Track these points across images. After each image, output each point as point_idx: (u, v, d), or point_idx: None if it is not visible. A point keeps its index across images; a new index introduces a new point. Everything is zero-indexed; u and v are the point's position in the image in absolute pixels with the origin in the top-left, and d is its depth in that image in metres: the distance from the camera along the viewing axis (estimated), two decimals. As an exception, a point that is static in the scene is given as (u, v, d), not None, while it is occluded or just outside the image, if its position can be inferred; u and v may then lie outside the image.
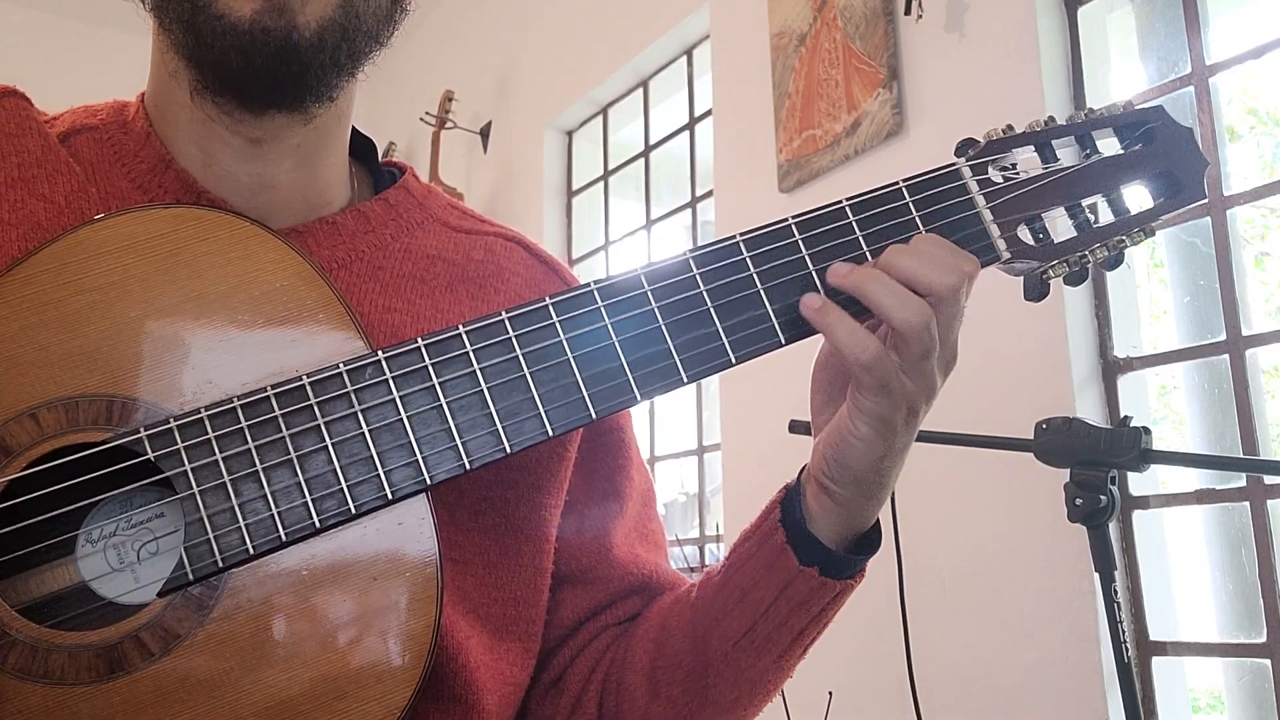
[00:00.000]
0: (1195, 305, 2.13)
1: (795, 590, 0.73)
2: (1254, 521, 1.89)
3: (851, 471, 0.71)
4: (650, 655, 0.80)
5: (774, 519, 0.75)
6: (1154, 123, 0.76)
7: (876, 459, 0.70)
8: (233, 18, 0.67)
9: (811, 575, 0.73)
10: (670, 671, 0.79)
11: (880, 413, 0.68)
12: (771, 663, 0.77)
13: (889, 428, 0.69)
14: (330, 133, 0.78)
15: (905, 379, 0.68)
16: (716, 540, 3.09)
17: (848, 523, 0.73)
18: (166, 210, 0.68)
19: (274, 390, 0.64)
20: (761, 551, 0.75)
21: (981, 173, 0.75)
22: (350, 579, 0.64)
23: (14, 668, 0.59)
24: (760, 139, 2.84)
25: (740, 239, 0.71)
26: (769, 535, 0.75)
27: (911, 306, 0.67)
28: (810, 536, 0.73)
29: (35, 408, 0.62)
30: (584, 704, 0.83)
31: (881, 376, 0.67)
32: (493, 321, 0.68)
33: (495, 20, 4.24)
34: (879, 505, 0.74)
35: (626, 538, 0.87)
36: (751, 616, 0.75)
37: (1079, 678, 1.97)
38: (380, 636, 0.63)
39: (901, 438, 0.70)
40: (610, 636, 0.85)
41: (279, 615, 0.62)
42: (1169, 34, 2.16)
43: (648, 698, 0.80)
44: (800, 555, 0.73)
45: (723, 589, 0.77)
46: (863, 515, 0.74)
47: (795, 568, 0.73)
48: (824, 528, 0.73)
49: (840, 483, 0.72)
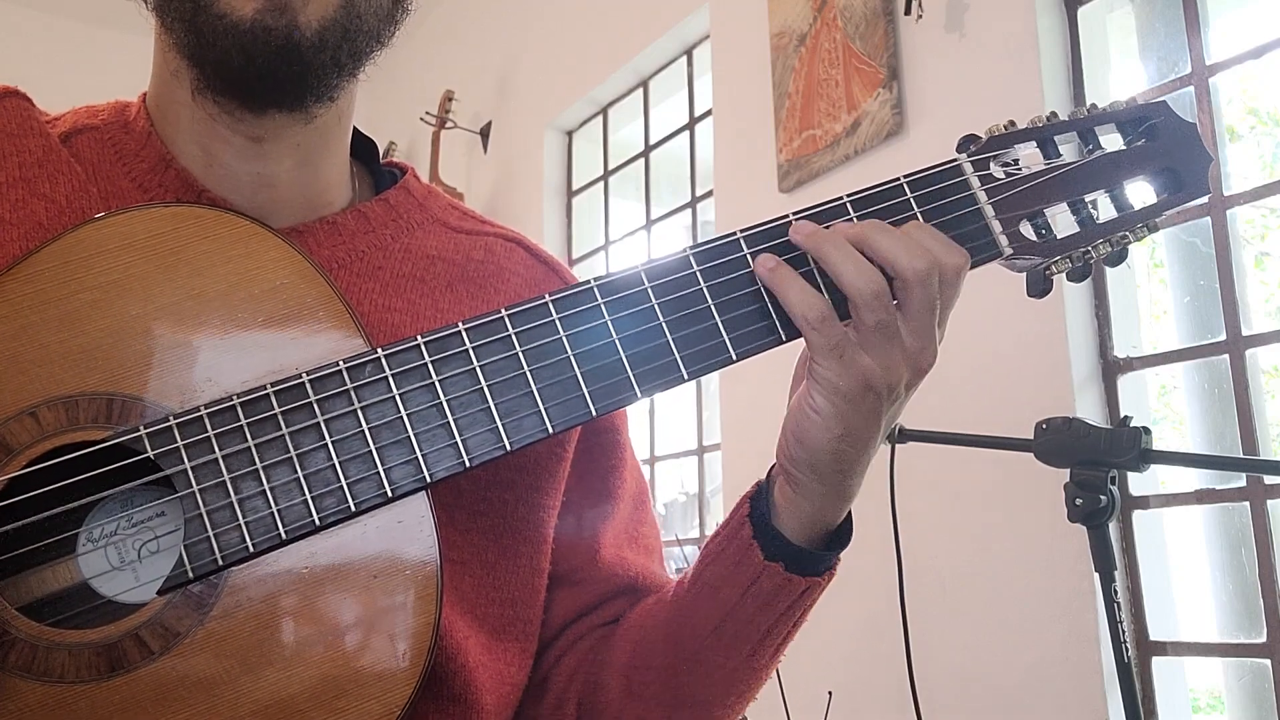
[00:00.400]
0: (1195, 305, 2.13)
1: (760, 587, 0.73)
2: (1254, 521, 1.89)
3: (808, 450, 0.69)
4: (628, 654, 0.80)
5: (742, 514, 0.74)
6: (1157, 118, 0.76)
7: (833, 438, 0.68)
8: (234, 17, 0.67)
9: (776, 571, 0.72)
10: (644, 670, 0.79)
11: (835, 382, 0.67)
12: (742, 661, 0.76)
13: (845, 401, 0.67)
14: (331, 132, 0.78)
15: (861, 351, 0.67)
16: (716, 540, 3.08)
17: (813, 517, 0.72)
18: (167, 209, 0.68)
19: (273, 388, 0.64)
20: (729, 547, 0.74)
21: (983, 168, 0.74)
22: (350, 577, 0.64)
23: (15, 666, 0.59)
24: (760, 139, 2.84)
25: (740, 235, 0.71)
26: (736, 530, 0.74)
27: (865, 274, 0.67)
28: (774, 531, 0.72)
29: (35, 406, 0.63)
30: (565, 705, 0.83)
31: (831, 338, 0.67)
32: (492, 319, 0.68)
33: (495, 20, 4.24)
34: (843, 499, 0.72)
35: (615, 540, 0.87)
36: (720, 613, 0.75)
37: (1079, 678, 1.97)
38: (380, 635, 0.63)
39: (860, 419, 0.68)
40: (595, 638, 0.85)
41: (279, 613, 0.62)
42: (1169, 34, 2.16)
43: (623, 696, 0.80)
44: (765, 550, 0.72)
45: (694, 585, 0.77)
46: (828, 509, 0.72)
47: (760, 563, 0.72)
48: (789, 521, 0.72)
49: (798, 465, 0.70)
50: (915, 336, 0.68)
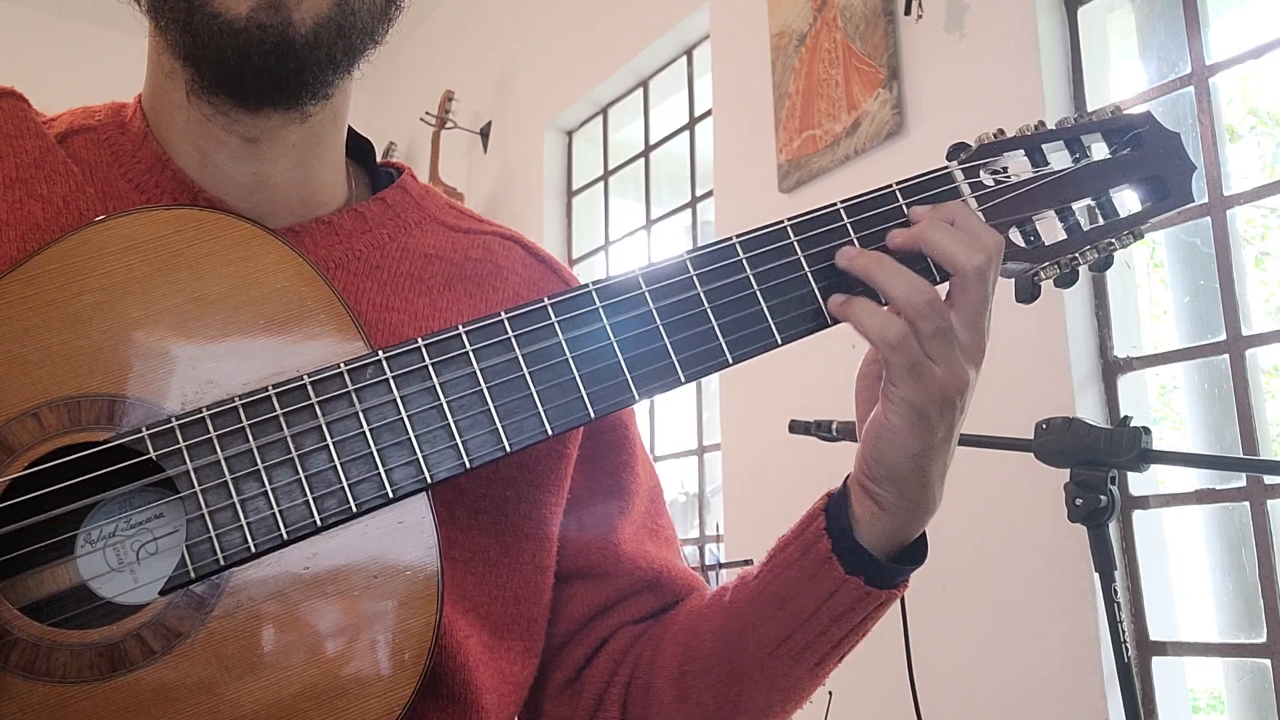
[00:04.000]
0: (1195, 305, 2.13)
1: (838, 600, 0.73)
2: (1254, 521, 1.89)
3: (888, 468, 0.70)
4: (679, 659, 0.80)
5: (818, 526, 0.74)
6: (1142, 128, 0.78)
7: (912, 454, 0.70)
8: (229, 16, 0.67)
9: (856, 585, 0.72)
10: (701, 676, 0.79)
11: (911, 399, 0.68)
12: (807, 671, 0.77)
13: (922, 418, 0.69)
14: (326, 132, 0.78)
15: (931, 363, 0.68)
16: (717, 540, 3.08)
17: (894, 531, 0.73)
18: (168, 212, 0.68)
19: (275, 390, 0.65)
20: (804, 559, 0.74)
21: (973, 176, 0.75)
22: (351, 578, 0.64)
23: (16, 666, 0.59)
24: (760, 139, 2.84)
25: (736, 241, 0.72)
26: (812, 543, 0.74)
27: (916, 287, 0.68)
28: (856, 545, 0.73)
29: (37, 407, 0.63)
30: (606, 706, 0.82)
31: (909, 357, 0.68)
32: (492, 322, 0.68)
33: (495, 20, 4.24)
34: (924, 514, 0.73)
35: (635, 533, 0.87)
36: (790, 625, 0.75)
37: (1079, 678, 1.97)
38: (382, 634, 0.64)
39: (938, 432, 0.69)
40: (629, 636, 0.84)
41: (280, 614, 0.63)
42: (1169, 34, 2.16)
43: (676, 702, 0.79)
44: (846, 564, 0.73)
45: (759, 595, 0.77)
46: (910, 522, 0.73)
47: (840, 577, 0.73)
48: (869, 536, 0.73)
49: (880, 482, 0.71)
50: (969, 330, 0.70)
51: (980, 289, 0.69)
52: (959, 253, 0.69)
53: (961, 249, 0.69)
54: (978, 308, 0.70)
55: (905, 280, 0.69)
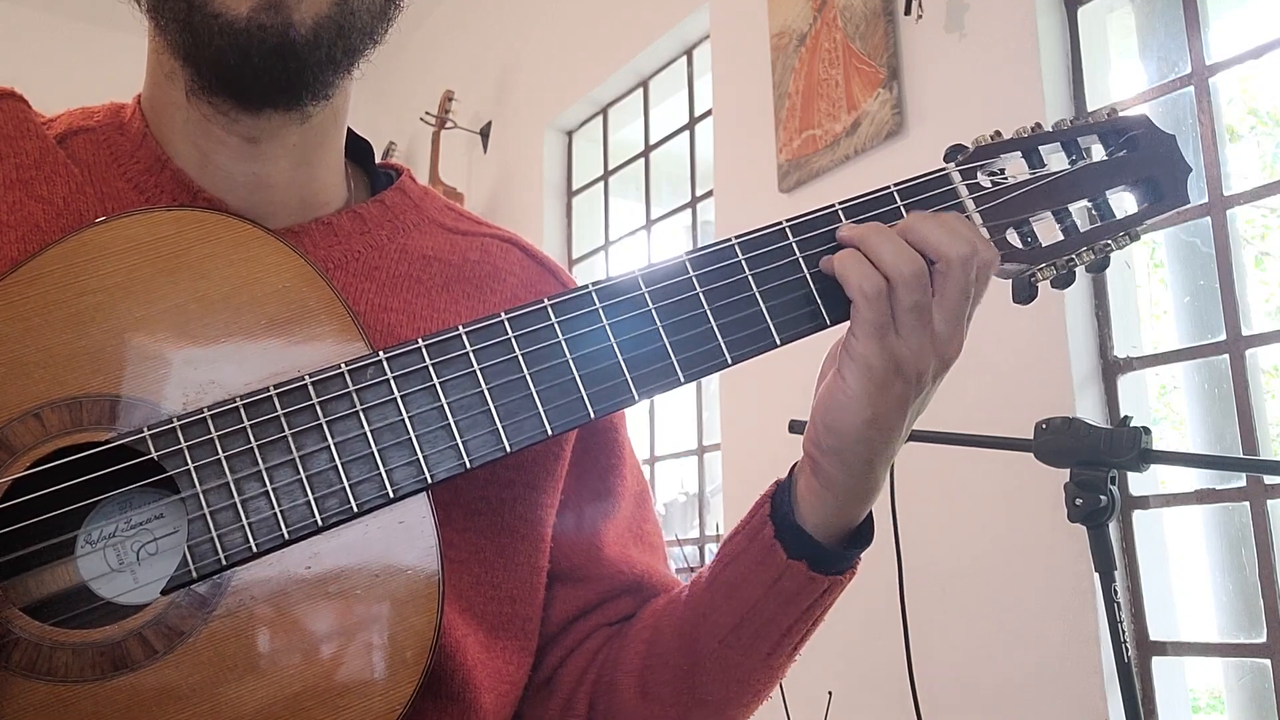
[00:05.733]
0: (1195, 305, 2.13)
1: (783, 585, 0.73)
2: (1254, 521, 1.89)
3: (837, 435, 0.70)
4: (642, 656, 0.80)
5: (763, 513, 0.75)
6: (1138, 130, 0.78)
7: (863, 419, 0.69)
8: (229, 16, 0.67)
9: (800, 569, 0.73)
10: (660, 671, 0.79)
11: (869, 359, 0.68)
12: (760, 661, 0.77)
13: (876, 383, 0.69)
14: (326, 132, 0.78)
15: (896, 334, 0.68)
16: (716, 540, 3.09)
17: (836, 513, 0.73)
18: (170, 213, 0.68)
19: (276, 390, 0.65)
20: (751, 546, 0.75)
21: (971, 177, 0.76)
22: (353, 577, 0.64)
23: (18, 665, 0.60)
24: (760, 139, 2.84)
25: (735, 242, 0.72)
26: (758, 530, 0.75)
27: (905, 255, 0.69)
28: (798, 529, 0.73)
29: (39, 407, 0.63)
30: (575, 705, 0.83)
31: (879, 315, 0.68)
32: (492, 322, 0.68)
33: (495, 20, 4.25)
34: (866, 494, 0.73)
35: (619, 537, 0.87)
36: (739, 612, 0.75)
37: (1079, 678, 1.97)
38: (383, 633, 0.64)
39: (888, 405, 0.69)
40: (602, 637, 0.85)
41: (282, 613, 0.63)
42: (1169, 34, 2.16)
43: (637, 698, 0.80)
44: (788, 549, 0.73)
45: (711, 585, 0.77)
46: (851, 505, 0.73)
47: (783, 561, 0.73)
48: (812, 517, 0.73)
49: (827, 454, 0.71)
50: (946, 323, 0.70)
51: (962, 278, 0.69)
52: (943, 239, 0.69)
53: (947, 236, 0.69)
54: (958, 299, 0.70)
55: (897, 248, 0.69)
